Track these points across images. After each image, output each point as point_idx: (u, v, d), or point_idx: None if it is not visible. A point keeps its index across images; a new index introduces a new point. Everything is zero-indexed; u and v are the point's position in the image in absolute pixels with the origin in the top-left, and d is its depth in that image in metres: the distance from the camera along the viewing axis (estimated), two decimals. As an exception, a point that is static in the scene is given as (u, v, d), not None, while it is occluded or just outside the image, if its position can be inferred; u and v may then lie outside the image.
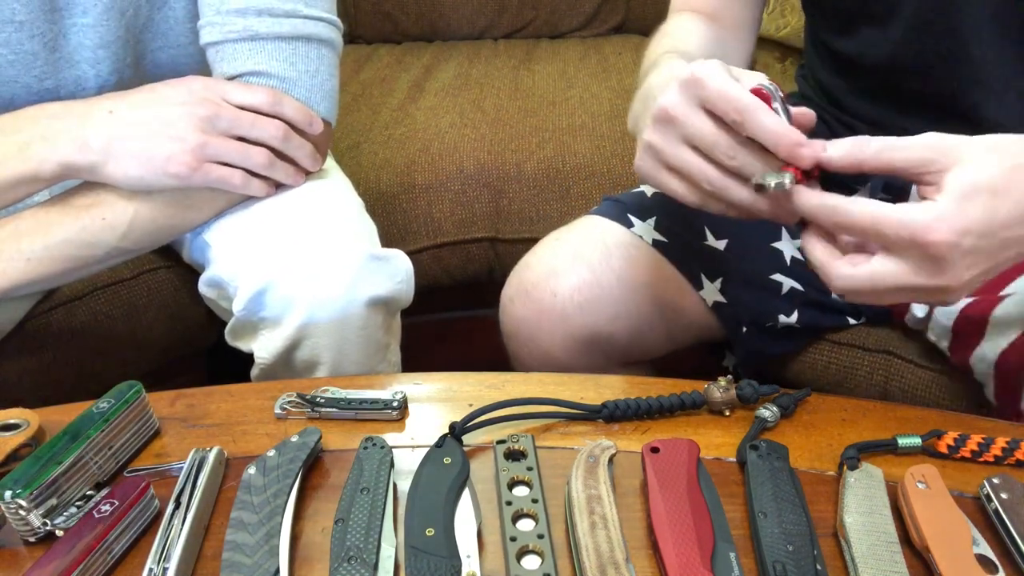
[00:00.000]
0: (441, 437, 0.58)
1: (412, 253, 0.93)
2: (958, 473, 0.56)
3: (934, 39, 0.71)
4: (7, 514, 0.52)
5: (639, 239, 0.81)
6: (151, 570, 0.48)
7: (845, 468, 0.55)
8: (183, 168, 0.70)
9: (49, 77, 0.78)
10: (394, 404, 0.62)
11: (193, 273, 0.90)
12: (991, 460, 0.57)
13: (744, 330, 0.82)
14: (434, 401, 0.65)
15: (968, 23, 0.69)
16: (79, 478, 0.55)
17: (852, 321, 0.86)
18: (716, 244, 0.81)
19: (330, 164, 0.88)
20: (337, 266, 0.74)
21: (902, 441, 0.57)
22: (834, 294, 0.54)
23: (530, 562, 0.49)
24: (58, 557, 0.48)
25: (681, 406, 0.61)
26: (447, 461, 0.55)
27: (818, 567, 0.48)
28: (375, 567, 0.48)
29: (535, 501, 0.53)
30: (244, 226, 0.77)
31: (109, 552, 0.50)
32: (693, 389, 0.62)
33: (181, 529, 0.51)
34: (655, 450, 0.55)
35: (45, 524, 0.52)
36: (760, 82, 0.54)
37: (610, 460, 0.56)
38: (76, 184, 0.74)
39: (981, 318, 0.69)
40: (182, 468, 0.56)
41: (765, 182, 0.51)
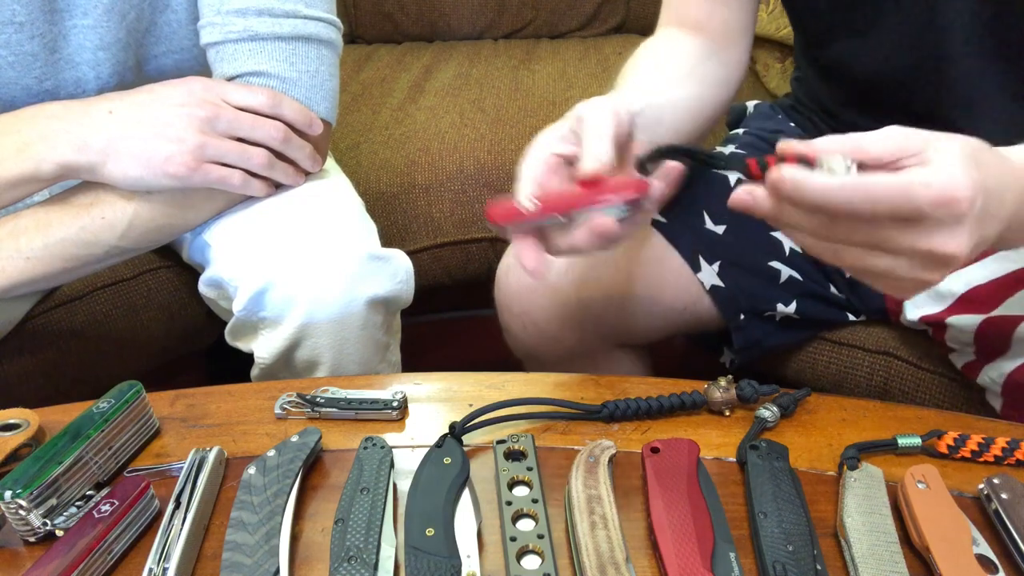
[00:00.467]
0: (441, 437, 0.58)
1: (412, 253, 0.93)
2: (958, 473, 0.56)
3: (917, 55, 0.71)
4: (7, 514, 0.52)
5: None
6: (151, 570, 0.48)
7: (845, 468, 0.55)
8: (182, 169, 0.70)
9: (49, 78, 0.78)
10: (394, 404, 0.62)
11: (193, 273, 0.90)
12: (991, 460, 0.57)
13: (742, 317, 0.82)
14: (434, 401, 0.65)
15: (950, 40, 0.69)
16: (79, 478, 0.55)
17: (851, 317, 0.86)
18: (715, 228, 0.81)
19: (330, 164, 0.88)
20: (337, 266, 0.74)
21: (902, 441, 0.57)
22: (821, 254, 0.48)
23: (530, 562, 0.49)
24: (58, 557, 0.48)
25: (681, 406, 0.61)
26: (447, 461, 0.55)
27: (818, 567, 0.48)
28: (375, 567, 0.48)
29: (535, 501, 0.53)
30: (244, 226, 0.77)
31: (109, 552, 0.50)
32: (693, 389, 0.62)
33: (181, 529, 0.51)
34: (655, 450, 0.55)
35: (45, 524, 0.52)
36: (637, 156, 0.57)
37: (610, 460, 0.56)
38: (75, 183, 0.74)
39: (1005, 333, 0.68)
40: (182, 468, 0.56)
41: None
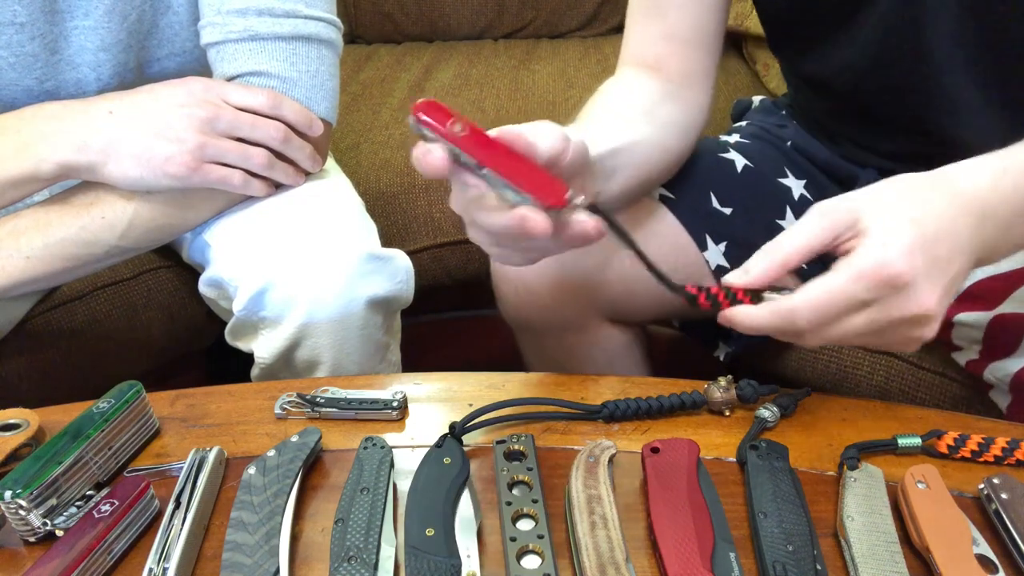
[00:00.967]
0: (441, 437, 0.58)
1: (412, 253, 0.93)
2: (958, 473, 0.56)
3: (901, 66, 0.71)
4: (7, 514, 0.52)
5: None
6: (151, 570, 0.48)
7: (845, 468, 0.55)
8: (182, 169, 0.70)
9: (50, 79, 0.78)
10: (394, 404, 0.62)
11: (193, 273, 0.90)
12: (991, 460, 0.57)
13: None
14: (434, 401, 0.65)
15: (935, 51, 0.69)
16: (79, 478, 0.55)
17: None
18: (723, 209, 0.80)
19: (330, 164, 0.88)
20: (337, 266, 0.74)
21: (902, 441, 0.57)
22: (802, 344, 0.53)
23: (530, 562, 0.49)
24: (58, 557, 0.48)
25: (681, 406, 0.61)
26: (447, 461, 0.55)
27: (818, 567, 0.48)
28: (375, 567, 0.48)
29: (535, 501, 0.53)
30: (244, 226, 0.77)
31: (109, 552, 0.50)
32: (693, 389, 0.62)
33: (181, 529, 0.51)
34: (655, 450, 0.55)
35: (45, 524, 0.52)
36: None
37: (610, 460, 0.56)
38: (75, 183, 0.74)
39: (1015, 332, 0.68)
40: (182, 468, 0.56)
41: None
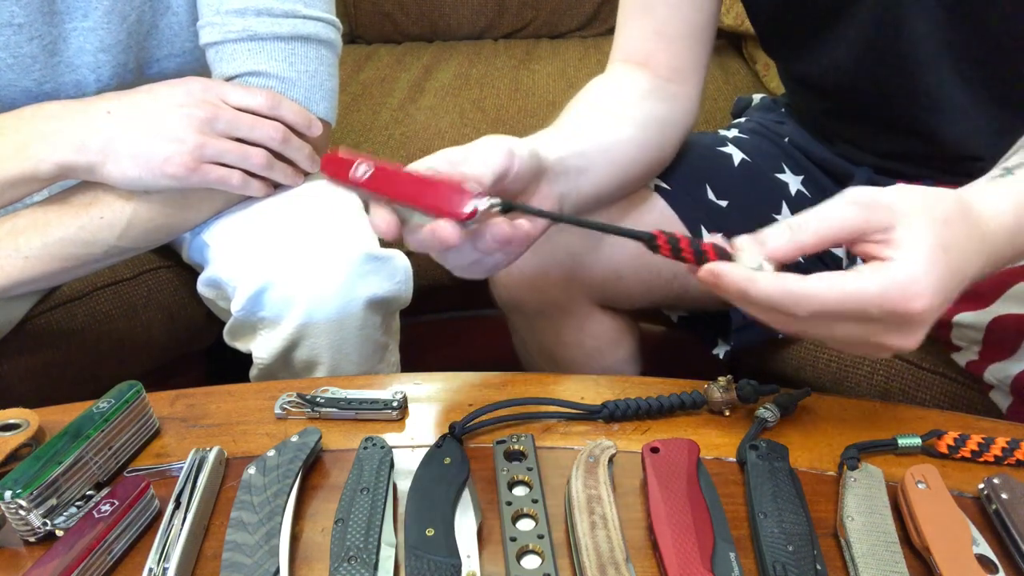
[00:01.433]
0: (441, 437, 0.58)
1: (411, 253, 0.93)
2: (958, 473, 0.56)
3: (886, 67, 0.72)
4: (7, 514, 0.52)
5: None
6: (151, 570, 0.48)
7: (845, 468, 0.55)
8: (181, 169, 0.70)
9: (48, 81, 0.78)
10: (394, 404, 0.62)
11: (192, 273, 0.90)
12: (991, 460, 0.56)
13: None
14: (434, 401, 0.65)
15: (919, 53, 0.69)
16: (79, 478, 0.55)
17: None
18: (718, 202, 0.80)
19: (330, 164, 0.88)
20: (336, 266, 0.74)
21: (902, 441, 0.57)
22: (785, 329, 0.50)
23: (530, 562, 0.49)
24: (58, 557, 0.48)
25: (681, 406, 0.61)
26: (447, 461, 0.55)
27: (818, 567, 0.48)
28: (375, 567, 0.48)
29: (535, 501, 0.53)
30: (243, 226, 0.77)
31: (109, 552, 0.50)
32: (693, 389, 0.62)
33: (181, 529, 0.51)
34: (655, 450, 0.55)
35: (45, 524, 0.52)
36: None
37: (610, 460, 0.56)
38: (74, 183, 0.74)
39: (1015, 333, 0.68)
40: (182, 468, 0.56)
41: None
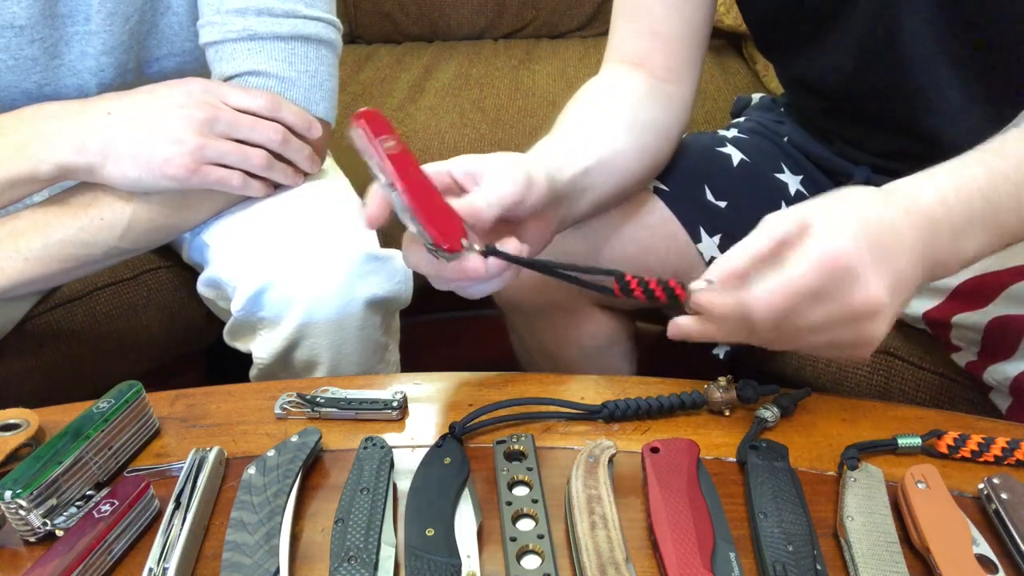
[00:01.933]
0: (441, 437, 0.58)
1: (412, 253, 0.93)
2: (958, 473, 0.56)
3: (882, 68, 0.71)
4: (7, 514, 0.52)
5: None
6: (151, 570, 0.48)
7: (845, 468, 0.55)
8: (181, 170, 0.70)
9: (49, 83, 0.78)
10: (394, 404, 0.62)
11: (192, 273, 0.90)
12: (991, 460, 0.56)
13: None
14: (434, 401, 0.65)
15: (915, 55, 0.69)
16: (79, 478, 0.55)
17: None
18: (717, 203, 0.80)
19: (329, 164, 0.88)
20: (335, 266, 0.74)
21: (902, 441, 0.57)
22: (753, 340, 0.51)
23: (530, 562, 0.49)
24: (58, 557, 0.48)
25: (681, 406, 0.61)
26: (447, 461, 0.55)
27: (818, 567, 0.48)
28: (375, 567, 0.48)
29: (535, 501, 0.53)
30: (243, 226, 0.77)
31: (109, 552, 0.50)
32: (693, 389, 0.62)
33: (181, 529, 0.51)
34: (655, 450, 0.55)
35: (45, 524, 0.52)
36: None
37: (610, 460, 0.56)
38: (74, 184, 0.74)
39: (1014, 334, 0.68)
40: (182, 468, 0.56)
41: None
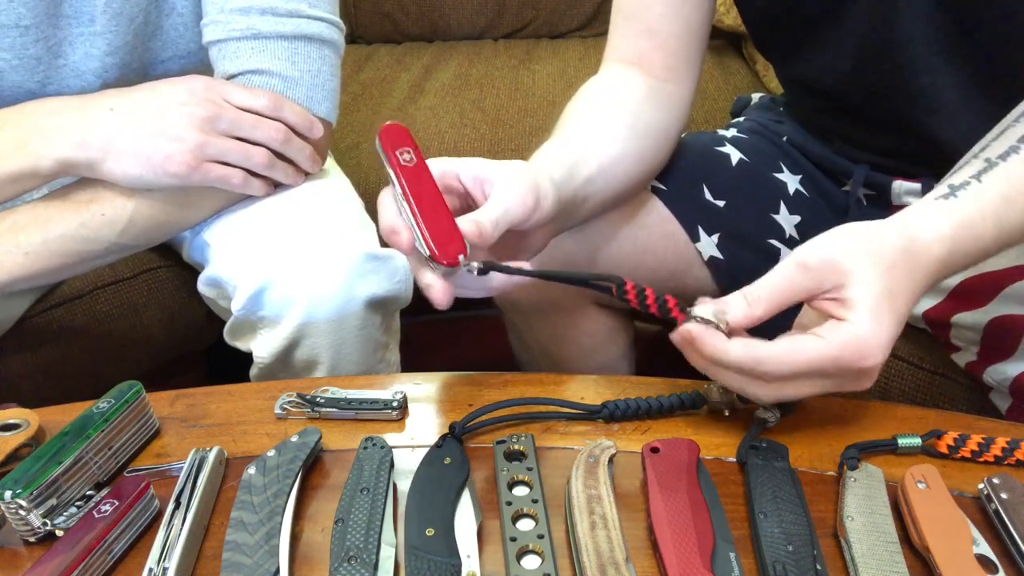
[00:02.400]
0: (441, 437, 0.58)
1: (412, 253, 0.93)
2: (958, 473, 0.56)
3: (880, 68, 0.72)
4: (7, 514, 0.52)
5: None
6: (151, 570, 0.48)
7: (845, 468, 0.55)
8: (182, 168, 0.70)
9: (52, 83, 0.78)
10: (394, 404, 0.62)
11: (193, 272, 0.90)
12: (991, 460, 0.56)
13: None
14: (434, 401, 0.65)
15: (914, 56, 0.69)
16: (79, 478, 0.55)
17: None
18: (715, 202, 0.80)
19: (330, 164, 0.88)
20: (336, 266, 0.74)
21: (902, 441, 0.57)
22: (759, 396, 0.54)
23: (530, 562, 0.49)
24: (58, 557, 0.48)
25: (681, 406, 0.61)
26: (447, 461, 0.55)
27: (818, 567, 0.48)
28: (375, 567, 0.48)
29: (535, 501, 0.53)
30: (243, 225, 0.77)
31: (109, 552, 0.50)
32: (693, 389, 0.62)
33: (181, 529, 0.51)
34: (655, 450, 0.55)
35: (45, 524, 0.52)
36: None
37: (610, 460, 0.56)
38: (75, 179, 0.74)
39: (1014, 335, 0.68)
40: (182, 468, 0.56)
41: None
